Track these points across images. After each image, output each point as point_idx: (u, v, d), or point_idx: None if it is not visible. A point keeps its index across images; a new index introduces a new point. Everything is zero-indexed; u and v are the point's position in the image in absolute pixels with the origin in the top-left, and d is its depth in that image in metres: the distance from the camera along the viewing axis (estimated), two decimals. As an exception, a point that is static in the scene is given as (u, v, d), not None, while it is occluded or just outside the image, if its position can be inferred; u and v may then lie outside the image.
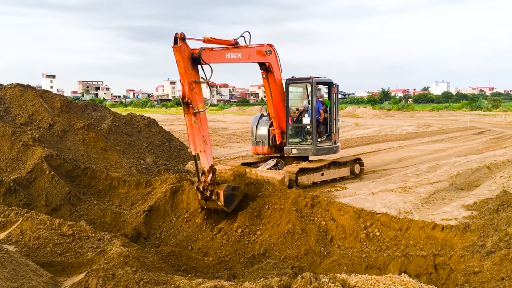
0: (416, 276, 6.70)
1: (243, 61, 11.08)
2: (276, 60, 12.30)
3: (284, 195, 9.65)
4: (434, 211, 9.84)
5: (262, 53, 11.76)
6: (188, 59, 8.95)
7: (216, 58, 9.88)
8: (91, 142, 14.24)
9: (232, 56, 10.53)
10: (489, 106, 66.95)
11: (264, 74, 12.50)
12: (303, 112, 13.14)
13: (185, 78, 8.88)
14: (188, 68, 8.90)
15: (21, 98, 14.72)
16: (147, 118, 18.01)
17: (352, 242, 8.49)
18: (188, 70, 8.90)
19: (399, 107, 71.13)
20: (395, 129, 32.31)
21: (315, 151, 12.76)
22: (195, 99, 8.89)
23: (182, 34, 8.84)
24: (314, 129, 12.72)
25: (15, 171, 11.58)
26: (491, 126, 35.06)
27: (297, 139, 13.06)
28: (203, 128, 9.05)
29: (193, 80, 8.94)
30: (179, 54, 8.80)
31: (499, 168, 14.92)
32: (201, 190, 9.14)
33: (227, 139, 25.91)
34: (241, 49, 10.84)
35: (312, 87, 12.70)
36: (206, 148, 9.02)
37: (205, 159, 9.00)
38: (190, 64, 8.96)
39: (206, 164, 9.02)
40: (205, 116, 9.17)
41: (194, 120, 8.90)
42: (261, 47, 11.74)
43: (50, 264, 6.62)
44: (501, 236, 6.89)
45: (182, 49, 8.80)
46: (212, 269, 7.89)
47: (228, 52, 10.42)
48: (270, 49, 11.96)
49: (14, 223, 8.02)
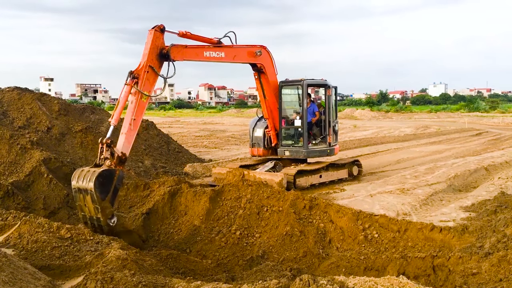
0: (414, 278, 6.70)
1: (227, 60, 11.08)
2: (271, 62, 12.32)
3: (282, 197, 9.66)
4: (432, 212, 9.86)
5: (253, 54, 11.79)
6: (157, 49, 9.06)
7: (191, 56, 9.97)
8: (89, 145, 14.23)
9: (212, 55, 10.54)
10: (486, 107, 67.07)
11: (256, 75, 12.54)
12: (295, 114, 13.16)
13: (144, 59, 8.92)
14: (152, 53, 8.99)
15: (19, 101, 14.71)
16: (145, 120, 18.00)
17: (351, 244, 8.49)
18: (152, 55, 8.99)
19: (397, 108, 71.26)
20: (393, 131, 32.34)
21: (306, 153, 12.76)
22: (143, 81, 8.80)
23: (161, 26, 9.05)
24: (305, 131, 12.72)
25: (13, 174, 11.56)
26: (489, 128, 35.12)
27: (290, 141, 13.08)
28: (137, 113, 8.73)
29: (150, 65, 8.95)
30: (150, 37, 8.97)
31: (497, 169, 14.95)
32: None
33: (225, 141, 25.90)
34: (224, 48, 10.85)
35: (303, 89, 12.69)
36: (129, 134, 8.65)
37: (121, 141, 8.57)
38: (156, 54, 9.07)
39: (120, 146, 8.51)
40: (144, 104, 8.96)
41: (132, 100, 8.72)
42: (251, 48, 11.77)
43: (48, 268, 6.60)
44: (499, 237, 6.91)
45: (155, 36, 9.00)
46: (210, 272, 7.88)
47: (208, 50, 10.46)
48: (260, 50, 11.96)
49: (12, 227, 8.00)
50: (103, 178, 7.92)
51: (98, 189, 7.86)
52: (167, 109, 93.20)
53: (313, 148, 12.95)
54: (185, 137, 27.93)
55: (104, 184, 7.96)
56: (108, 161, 8.17)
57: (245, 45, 11.66)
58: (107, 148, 8.23)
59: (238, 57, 11.44)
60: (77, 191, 8.13)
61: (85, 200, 8.07)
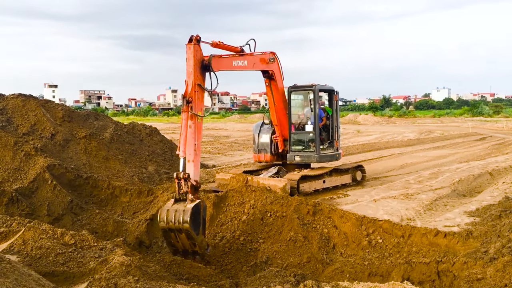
0: (419, 283, 6.68)
1: (249, 68, 11.08)
2: (279, 68, 12.36)
3: (286, 202, 9.65)
4: (437, 217, 9.82)
5: (266, 61, 11.80)
6: (199, 62, 8.86)
7: (224, 66, 9.83)
8: (93, 151, 14.27)
9: (238, 64, 10.50)
10: (490, 112, 66.89)
11: (267, 82, 12.53)
12: (306, 120, 13.18)
13: (192, 78, 8.73)
14: (196, 69, 8.80)
15: (23, 108, 14.78)
16: (149, 127, 18.06)
17: (355, 249, 8.47)
18: (196, 71, 8.79)
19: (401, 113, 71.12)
20: (396, 136, 32.29)
21: (319, 158, 12.78)
22: (196, 102, 8.69)
23: (197, 36, 8.82)
24: (317, 136, 12.75)
25: (17, 181, 11.60)
26: (493, 132, 35.02)
27: (300, 147, 13.08)
28: (197, 136, 8.70)
29: (198, 83, 8.81)
30: (191, 52, 8.72)
31: (501, 174, 14.90)
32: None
33: (228, 147, 25.92)
34: (247, 57, 10.87)
35: (315, 94, 12.75)
36: (195, 159, 8.61)
37: (191, 169, 8.52)
38: (199, 68, 8.88)
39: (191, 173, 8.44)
40: (201, 125, 8.93)
41: (190, 124, 8.62)
42: (264, 55, 11.79)
43: (52, 274, 6.61)
44: (504, 242, 6.87)
45: (195, 49, 8.75)
46: (214, 278, 7.86)
47: (235, 60, 10.41)
48: (273, 57, 12.02)
49: (16, 233, 8.02)
50: (194, 215, 8.00)
51: (193, 226, 7.94)
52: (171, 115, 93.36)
53: (325, 153, 12.98)
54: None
55: (196, 219, 8.05)
56: (190, 195, 8.20)
57: (260, 53, 11.66)
58: (185, 182, 8.24)
59: (256, 64, 11.48)
60: (167, 231, 8.19)
61: (178, 237, 8.16)
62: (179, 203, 8.17)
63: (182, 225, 7.91)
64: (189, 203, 8.08)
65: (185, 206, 8.02)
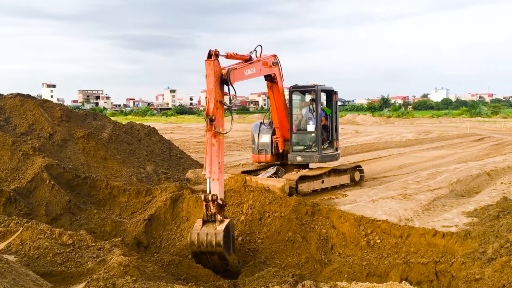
0: (417, 284, 6.69)
1: (257, 75, 10.92)
2: (279, 71, 12.35)
3: (284, 202, 9.65)
4: (435, 218, 9.83)
5: (269, 65, 11.71)
6: (219, 78, 8.67)
7: (238, 77, 9.64)
8: (91, 151, 14.26)
9: (249, 73, 10.34)
10: (488, 112, 67.07)
11: (269, 84, 12.49)
12: (307, 120, 13.18)
13: (213, 95, 8.52)
14: (217, 86, 8.60)
15: (21, 108, 14.76)
16: (147, 126, 18.06)
17: (353, 249, 8.48)
18: (217, 88, 8.58)
19: (399, 114, 71.29)
20: (395, 136, 32.32)
21: (321, 158, 12.81)
22: (218, 118, 8.55)
23: (216, 51, 8.59)
24: (319, 136, 12.77)
25: (15, 180, 11.58)
26: (491, 133, 35.09)
27: (302, 147, 13.09)
28: (220, 153, 8.55)
29: (220, 100, 8.66)
30: (212, 68, 8.49)
31: (499, 174, 14.92)
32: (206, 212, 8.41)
33: (227, 147, 25.91)
34: (254, 64, 10.68)
35: (317, 94, 12.78)
36: (220, 177, 8.46)
37: (216, 188, 8.40)
38: (219, 84, 8.69)
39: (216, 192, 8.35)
40: (223, 141, 8.77)
41: (213, 142, 8.45)
42: (267, 59, 11.70)
43: (50, 274, 6.60)
44: (502, 242, 6.88)
45: (215, 64, 8.54)
46: (212, 278, 7.86)
47: (246, 69, 10.23)
48: (276, 60, 11.99)
49: (14, 233, 8.02)
50: (226, 237, 7.94)
51: (225, 248, 7.92)
52: (169, 115, 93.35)
53: (326, 153, 13.01)
54: (187, 143, 27.96)
55: (227, 241, 8.02)
56: (219, 216, 8.11)
57: (263, 57, 11.47)
58: (213, 203, 8.15)
59: (262, 70, 11.38)
60: (198, 254, 8.13)
61: (210, 259, 8.12)
62: (208, 225, 8.06)
63: (215, 248, 7.85)
64: (219, 224, 8.01)
65: (215, 228, 7.94)
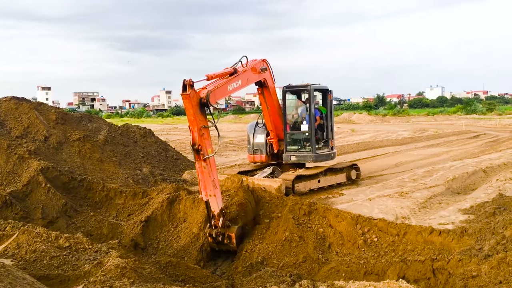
0: (414, 281, 6.70)
1: (243, 86, 10.81)
2: (270, 75, 12.26)
3: (281, 202, 9.66)
4: (431, 215, 9.86)
5: (258, 71, 11.58)
6: (197, 105, 8.67)
7: (220, 95, 9.63)
8: (87, 153, 14.22)
9: (234, 86, 10.25)
10: (483, 109, 67.26)
11: (260, 90, 12.45)
12: (301, 119, 13.18)
13: (195, 124, 8.55)
14: (197, 114, 8.60)
15: (16, 111, 14.71)
16: (143, 128, 18.00)
17: (350, 248, 8.49)
18: (197, 116, 8.59)
19: (395, 112, 71.38)
20: (390, 135, 32.39)
21: (315, 158, 12.80)
22: (205, 145, 8.61)
23: (190, 81, 8.57)
24: (313, 135, 12.77)
25: (11, 184, 11.54)
26: (486, 130, 35.21)
27: (296, 146, 13.08)
28: (213, 172, 8.73)
29: (202, 126, 8.68)
30: (189, 101, 8.51)
31: (495, 171, 14.96)
32: (213, 236, 8.98)
33: (223, 147, 25.88)
34: (240, 76, 10.51)
35: (310, 94, 12.76)
36: (216, 192, 8.73)
37: (215, 203, 8.72)
38: (198, 110, 8.69)
39: (216, 208, 8.76)
40: (214, 159, 8.89)
41: (204, 166, 8.56)
42: (256, 65, 11.51)
43: (47, 277, 6.58)
44: (498, 239, 6.91)
45: (191, 96, 8.52)
46: (210, 279, 7.86)
47: (229, 83, 10.12)
48: (265, 66, 11.89)
49: (10, 237, 7.99)
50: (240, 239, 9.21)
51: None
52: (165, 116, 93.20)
53: (320, 152, 13.00)
54: (183, 144, 27.89)
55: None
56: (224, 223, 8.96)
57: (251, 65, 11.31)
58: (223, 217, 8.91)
59: (250, 79, 11.24)
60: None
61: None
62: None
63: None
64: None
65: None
